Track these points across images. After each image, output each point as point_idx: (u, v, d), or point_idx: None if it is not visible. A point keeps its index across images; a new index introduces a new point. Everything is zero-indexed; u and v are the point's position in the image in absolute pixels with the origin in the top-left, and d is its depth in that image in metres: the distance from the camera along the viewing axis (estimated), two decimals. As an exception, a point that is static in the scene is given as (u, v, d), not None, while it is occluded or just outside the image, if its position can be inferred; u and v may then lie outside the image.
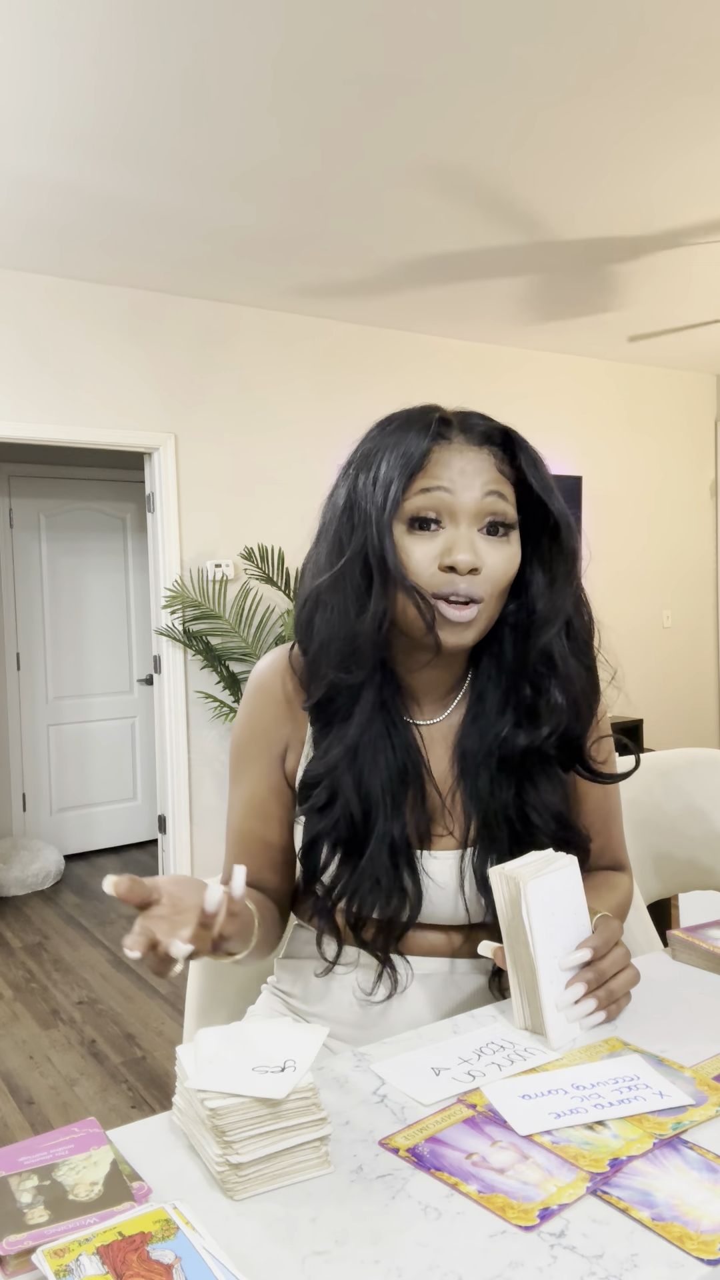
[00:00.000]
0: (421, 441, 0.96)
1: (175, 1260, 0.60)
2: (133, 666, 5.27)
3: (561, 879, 0.92)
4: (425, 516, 0.96)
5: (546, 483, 0.99)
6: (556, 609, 1.00)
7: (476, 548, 0.95)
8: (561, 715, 1.01)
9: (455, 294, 4.26)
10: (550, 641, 1.00)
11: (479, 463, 0.96)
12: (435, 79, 2.49)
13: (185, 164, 2.96)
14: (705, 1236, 0.63)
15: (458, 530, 0.95)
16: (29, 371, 3.89)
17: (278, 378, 4.48)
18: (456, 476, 0.95)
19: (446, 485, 0.95)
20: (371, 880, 1.00)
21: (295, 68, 2.42)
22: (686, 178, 3.12)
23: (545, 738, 1.01)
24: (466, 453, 0.97)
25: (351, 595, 0.98)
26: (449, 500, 0.95)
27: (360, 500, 0.98)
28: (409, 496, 0.96)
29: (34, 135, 2.76)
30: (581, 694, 1.02)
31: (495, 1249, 0.63)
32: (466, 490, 0.95)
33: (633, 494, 5.72)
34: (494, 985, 1.05)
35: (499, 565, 0.97)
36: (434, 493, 0.95)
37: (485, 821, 1.03)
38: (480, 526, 0.96)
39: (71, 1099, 2.67)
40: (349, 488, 1.00)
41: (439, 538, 0.96)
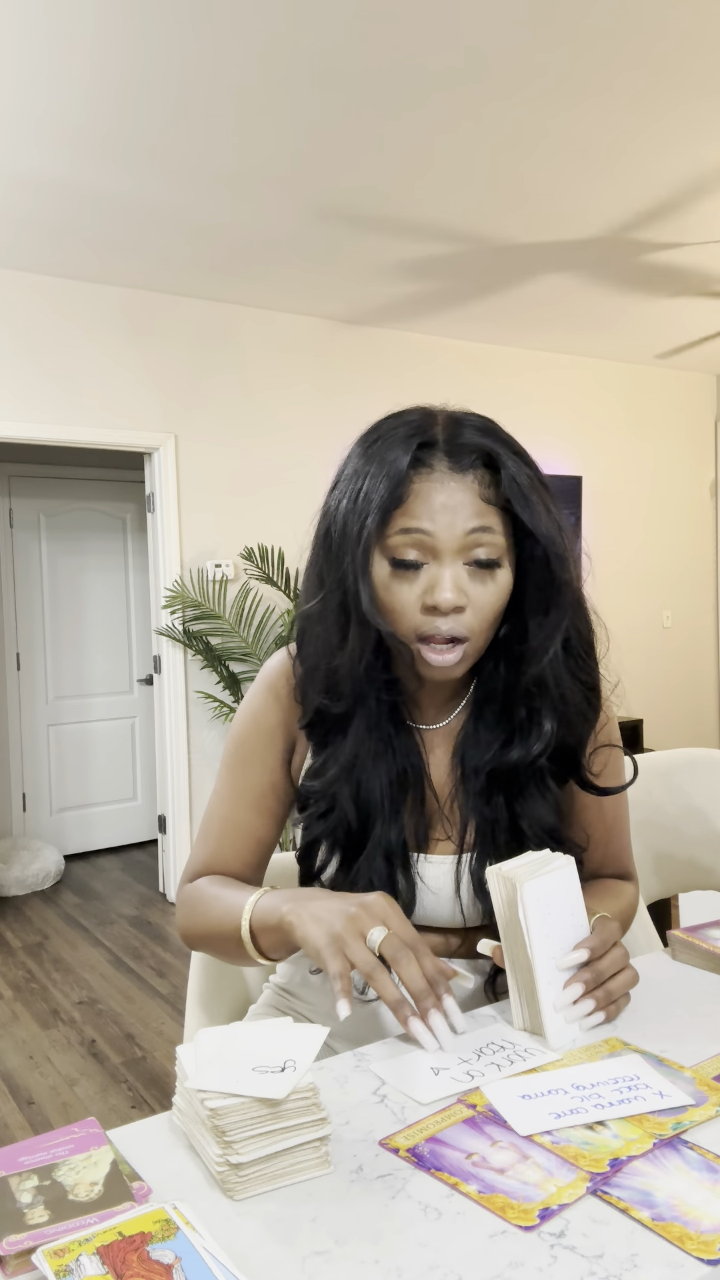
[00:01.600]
0: (400, 470, 0.91)
1: (175, 1260, 0.60)
2: (133, 666, 5.27)
3: (558, 879, 0.92)
4: (406, 558, 0.92)
5: (535, 510, 0.93)
6: (549, 639, 0.96)
7: (461, 585, 0.92)
8: (550, 738, 1.00)
9: (455, 294, 4.26)
10: (542, 670, 0.97)
11: (461, 494, 0.91)
12: (434, 77, 2.49)
13: (185, 163, 2.96)
14: (705, 1236, 0.63)
15: (441, 568, 0.91)
16: (29, 372, 3.89)
17: (277, 378, 4.49)
18: (438, 513, 0.91)
19: (426, 527, 0.91)
20: (366, 882, 1.00)
21: (294, 67, 2.42)
22: (687, 178, 3.12)
23: (536, 756, 1.00)
24: (449, 484, 0.91)
25: (333, 628, 0.96)
26: (429, 541, 0.91)
27: (339, 531, 0.95)
28: (389, 534, 0.92)
29: (32, 135, 2.76)
30: (576, 711, 1.00)
31: (495, 1249, 0.62)
32: (448, 529, 0.91)
33: (632, 494, 5.72)
34: (488, 989, 1.05)
35: (487, 601, 0.94)
36: (414, 534, 0.91)
37: (481, 828, 1.03)
38: (466, 560, 0.92)
39: (71, 1099, 2.67)
40: (331, 511, 0.97)
41: (421, 576, 0.92)
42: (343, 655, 0.95)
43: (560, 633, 0.97)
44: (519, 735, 1.01)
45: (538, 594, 0.97)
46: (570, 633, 0.98)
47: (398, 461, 0.91)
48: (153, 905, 4.33)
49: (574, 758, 1.03)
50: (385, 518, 0.92)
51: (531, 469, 0.96)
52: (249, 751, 1.08)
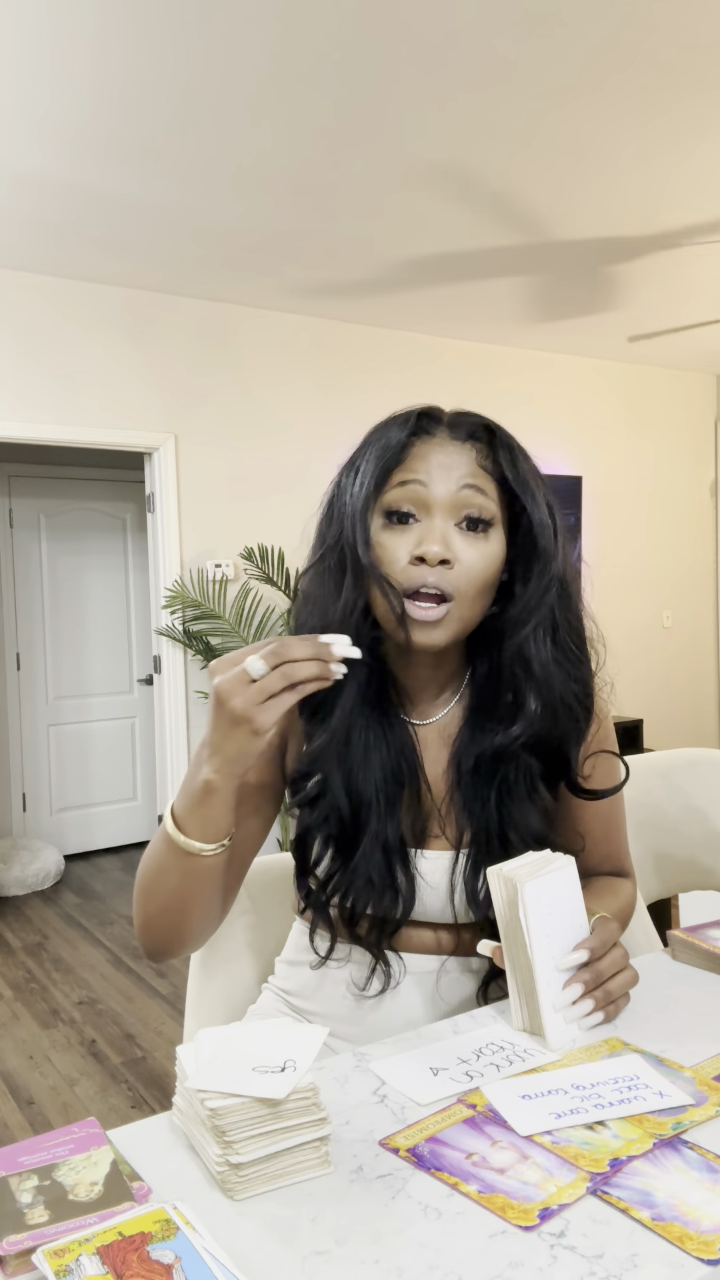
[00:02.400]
0: (400, 435, 0.96)
1: (175, 1260, 0.60)
2: (133, 666, 5.27)
3: (559, 880, 0.92)
4: (400, 509, 0.95)
5: (525, 480, 0.97)
6: (529, 609, 0.97)
7: (449, 541, 0.94)
8: (533, 720, 0.98)
9: (456, 294, 4.26)
10: (524, 643, 0.97)
11: (458, 456, 0.96)
12: (434, 78, 2.49)
13: (184, 163, 2.96)
14: (705, 1236, 0.63)
15: (431, 521, 0.95)
16: (29, 372, 3.89)
17: (277, 378, 4.49)
18: (434, 470, 0.95)
19: (422, 478, 0.95)
20: (364, 877, 1.00)
21: (294, 67, 2.43)
22: (688, 178, 3.12)
23: (515, 738, 0.99)
24: (447, 446, 0.96)
25: (331, 589, 0.98)
26: (423, 493, 0.95)
27: (341, 494, 0.99)
28: (386, 490, 0.96)
29: (33, 135, 2.76)
30: (561, 702, 0.99)
31: (495, 1249, 0.63)
32: (441, 483, 0.95)
33: (632, 494, 5.72)
34: (480, 995, 1.04)
35: (475, 561, 0.95)
36: (409, 485, 0.95)
37: (477, 827, 1.03)
38: (457, 520, 0.95)
39: (71, 1099, 2.67)
40: (335, 485, 1.01)
41: (413, 530, 0.95)
42: (336, 609, 0.96)
43: (543, 605, 0.97)
44: (504, 720, 1.00)
45: (523, 568, 0.99)
46: (558, 621, 0.99)
47: (399, 429, 0.97)
48: (153, 905, 4.32)
49: (564, 759, 1.02)
50: (385, 476, 0.96)
51: (528, 459, 1.00)
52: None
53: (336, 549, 0.97)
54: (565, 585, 0.99)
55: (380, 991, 1.03)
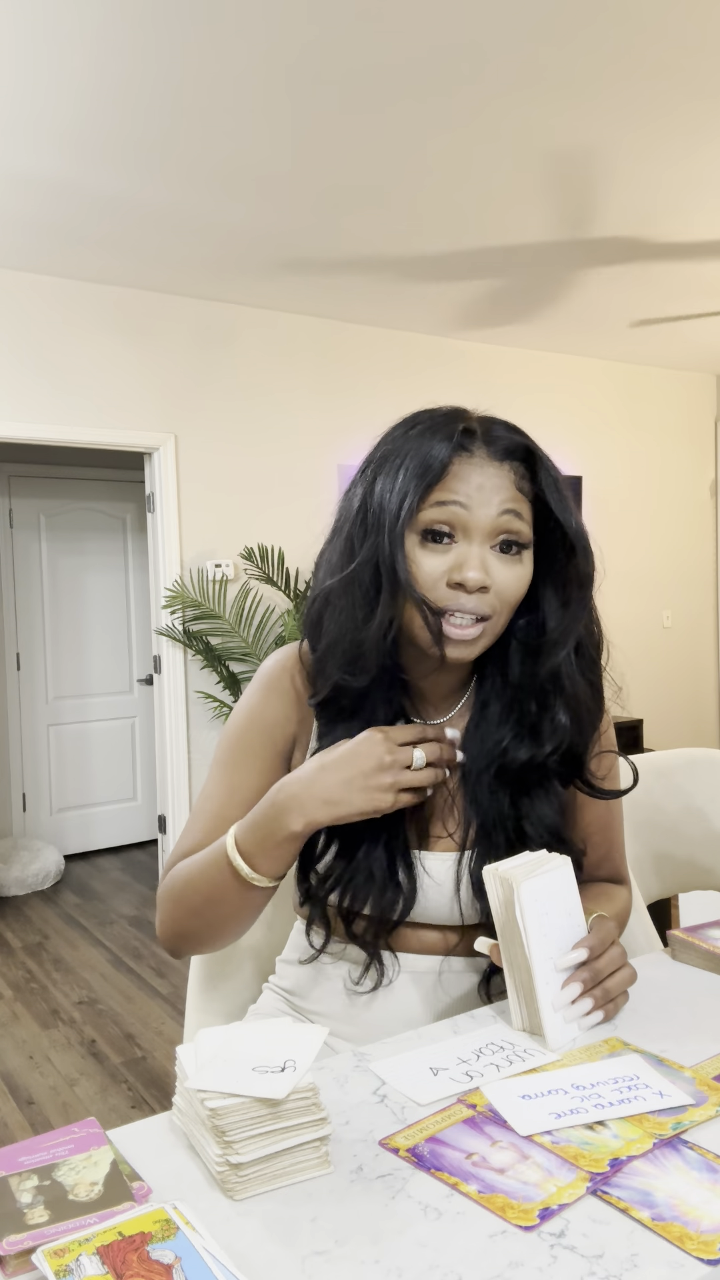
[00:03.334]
0: (443, 451, 0.94)
1: (175, 1260, 0.60)
2: (133, 666, 5.27)
3: (555, 879, 0.92)
4: (438, 529, 0.94)
5: (566, 504, 0.98)
6: (568, 632, 0.99)
7: (487, 565, 0.94)
8: (565, 734, 1.00)
9: (456, 294, 4.26)
10: (559, 662, 0.99)
11: (498, 479, 0.95)
12: (433, 77, 2.49)
13: (184, 163, 2.96)
14: (705, 1236, 0.63)
15: (470, 546, 0.94)
16: (29, 372, 3.89)
17: (277, 378, 4.49)
18: (474, 492, 0.94)
19: (463, 500, 0.93)
20: (365, 874, 1.00)
21: (293, 66, 2.42)
22: (687, 178, 3.12)
23: (549, 755, 1.00)
24: (487, 468, 0.95)
25: (360, 600, 0.97)
26: (463, 515, 0.94)
27: (376, 505, 0.96)
28: (424, 508, 0.94)
29: (32, 135, 2.76)
30: (586, 710, 1.01)
31: (495, 1249, 0.63)
32: (483, 507, 0.93)
33: (633, 494, 5.72)
34: (483, 990, 1.05)
35: (510, 584, 0.95)
36: (449, 507, 0.94)
37: (484, 826, 1.03)
38: (493, 544, 0.95)
39: (71, 1099, 2.67)
40: (365, 489, 0.99)
41: (450, 552, 0.94)
42: (369, 628, 0.96)
43: (580, 626, 0.99)
44: (530, 732, 1.01)
45: (560, 588, 0.99)
46: (583, 633, 1.01)
47: (441, 442, 0.95)
48: (153, 905, 4.32)
49: (579, 759, 1.03)
50: (426, 492, 0.94)
51: (561, 477, 1.00)
52: (245, 748, 1.08)
53: (370, 564, 0.96)
54: (592, 599, 1.02)
55: (373, 989, 1.03)
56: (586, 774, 1.04)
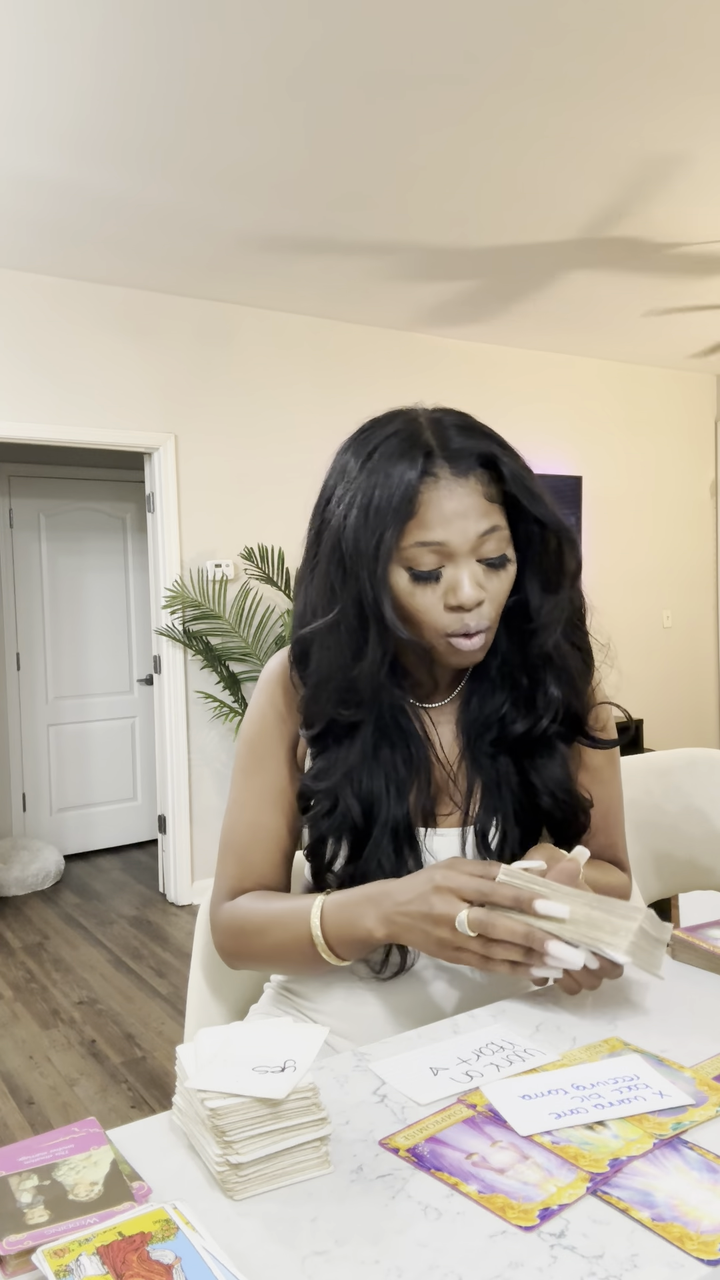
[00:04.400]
0: (408, 484, 0.93)
1: (175, 1260, 0.60)
2: (133, 666, 5.27)
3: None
4: (425, 569, 0.95)
5: (540, 499, 0.98)
6: (556, 616, 1.01)
7: (479, 581, 0.96)
8: (559, 704, 1.03)
9: (456, 293, 4.26)
10: (549, 644, 1.02)
11: (468, 499, 0.94)
12: (433, 76, 2.49)
13: (184, 163, 2.96)
14: (705, 1237, 0.63)
15: (458, 570, 0.95)
16: (29, 371, 3.89)
17: (278, 378, 4.49)
18: (451, 521, 0.94)
19: (441, 537, 0.94)
20: (374, 864, 1.01)
21: (293, 66, 2.42)
22: (687, 178, 3.12)
23: (545, 728, 1.03)
24: (455, 489, 0.94)
25: (347, 640, 0.98)
26: (447, 550, 0.95)
27: (351, 547, 0.96)
28: (405, 547, 0.94)
29: (33, 135, 2.76)
30: (577, 674, 1.05)
31: (495, 1249, 0.62)
32: (460, 535, 0.94)
33: (633, 494, 5.72)
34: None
35: (499, 591, 0.98)
36: (434, 549, 0.94)
37: (487, 790, 1.05)
38: (479, 558, 0.97)
39: (71, 1099, 2.67)
40: (338, 525, 0.97)
41: (442, 580, 0.96)
42: (362, 665, 0.98)
43: (567, 610, 1.02)
44: (524, 705, 1.04)
45: (545, 576, 1.02)
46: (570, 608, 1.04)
47: (406, 474, 0.94)
48: (153, 905, 4.32)
49: (576, 717, 1.06)
50: (400, 532, 0.94)
51: (519, 458, 1.00)
52: (262, 751, 1.09)
53: (355, 605, 0.96)
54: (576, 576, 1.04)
55: (396, 973, 1.03)
56: (585, 727, 1.08)
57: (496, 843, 1.04)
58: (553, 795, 1.04)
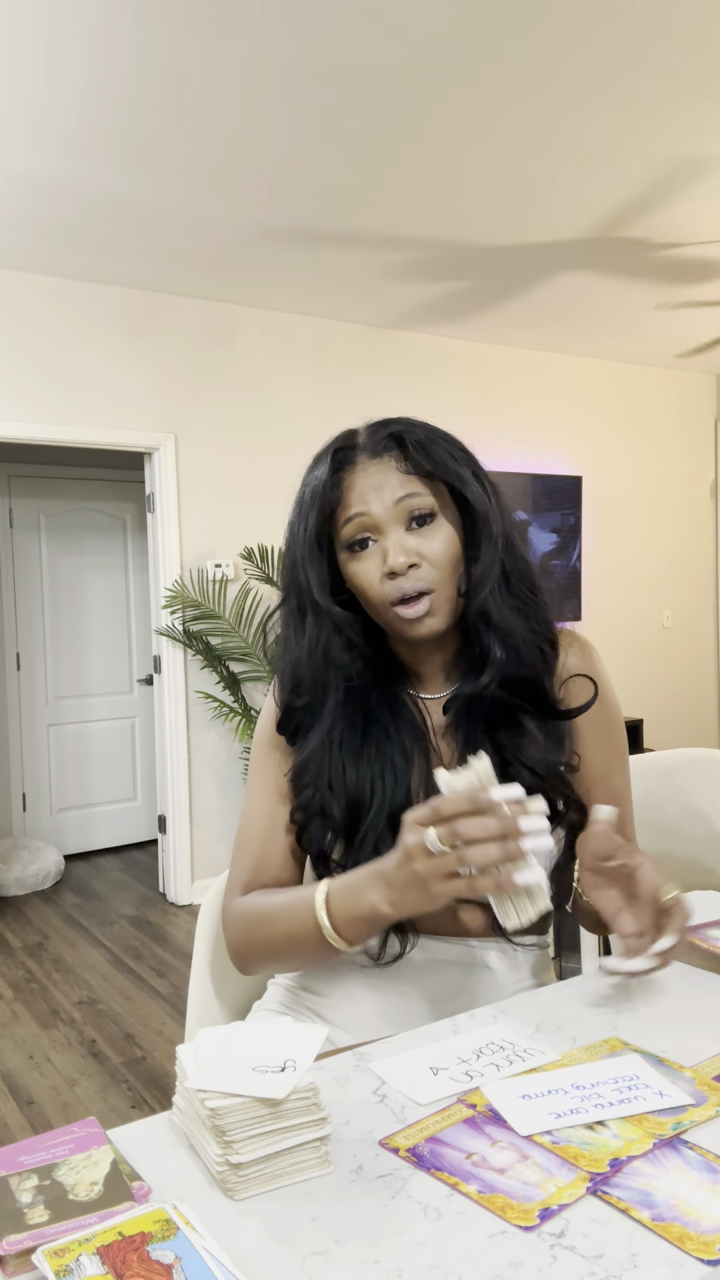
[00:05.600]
0: (324, 473, 1.06)
1: (175, 1260, 0.60)
2: (133, 666, 5.27)
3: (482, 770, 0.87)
4: (356, 540, 1.04)
5: (443, 462, 1.04)
6: (485, 571, 1.05)
7: (406, 545, 1.02)
8: (500, 665, 1.05)
9: (455, 294, 4.26)
10: (484, 601, 1.05)
11: (382, 475, 1.04)
12: (432, 76, 2.49)
13: (184, 163, 2.96)
14: (705, 1237, 0.63)
15: (385, 539, 1.03)
16: (29, 372, 3.89)
17: (277, 378, 4.49)
18: (369, 495, 1.03)
19: (362, 509, 1.03)
20: (372, 848, 1.02)
21: (292, 67, 2.42)
22: (686, 178, 3.12)
23: (484, 686, 1.05)
24: (369, 468, 1.05)
25: (291, 626, 1.10)
26: (368, 520, 1.03)
27: (293, 539, 1.09)
28: (340, 528, 1.05)
29: (32, 135, 2.76)
30: (524, 642, 1.06)
31: (495, 1249, 0.63)
32: (378, 503, 1.03)
33: (633, 494, 5.72)
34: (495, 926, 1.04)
35: (435, 549, 1.03)
36: (356, 519, 1.04)
37: None
38: (405, 525, 1.03)
39: (71, 1099, 2.67)
40: (289, 529, 1.10)
41: (373, 551, 1.04)
42: (301, 647, 1.07)
43: (495, 565, 1.06)
44: (473, 669, 1.08)
45: (471, 537, 1.07)
46: (508, 571, 1.07)
47: (321, 469, 1.07)
48: (153, 905, 4.33)
49: (537, 690, 1.08)
50: (326, 516, 1.05)
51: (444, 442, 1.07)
52: (270, 748, 1.14)
53: (294, 590, 1.08)
54: (509, 539, 1.08)
55: (396, 958, 1.03)
56: (548, 699, 1.09)
57: None
58: (530, 771, 1.05)
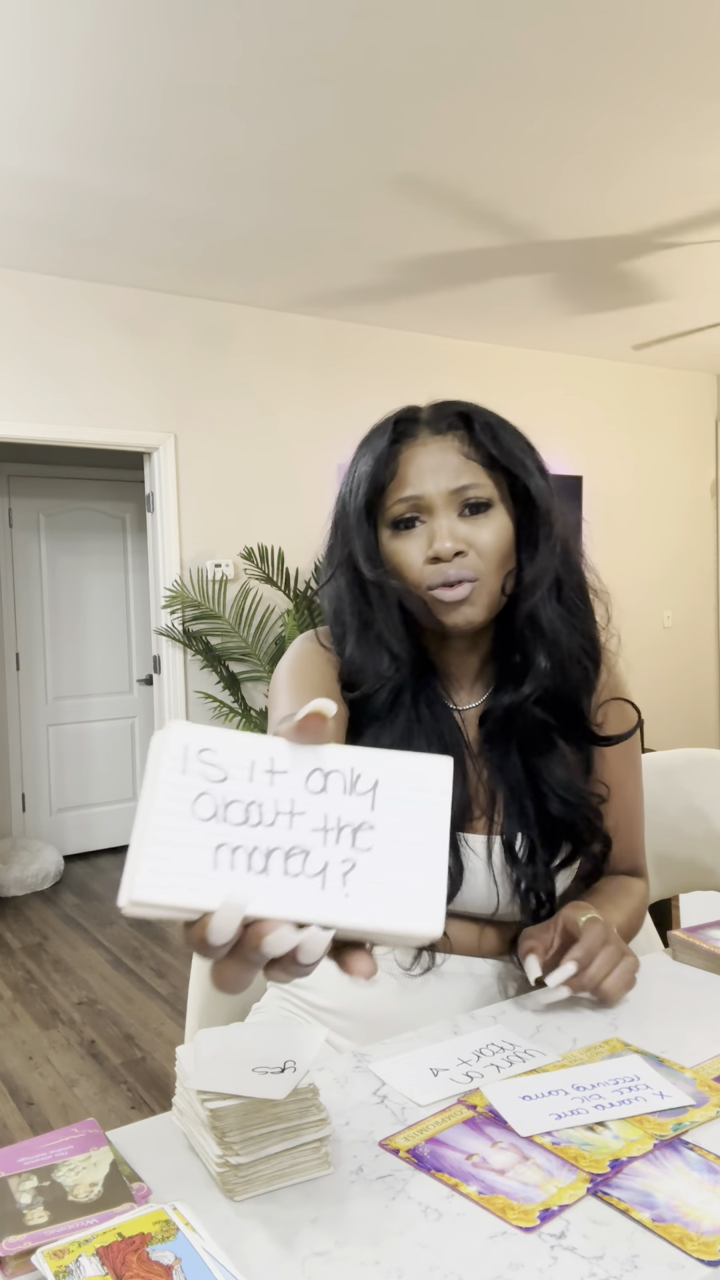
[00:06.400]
0: (382, 443, 1.01)
1: (175, 1261, 0.60)
2: (132, 667, 5.27)
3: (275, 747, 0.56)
4: (404, 518, 1.00)
5: (510, 450, 1.01)
6: (540, 573, 1.00)
7: (456, 532, 0.98)
8: (544, 677, 1.01)
9: (455, 294, 4.26)
10: (535, 606, 1.00)
11: (442, 454, 0.99)
12: (431, 76, 2.48)
13: (184, 163, 2.96)
14: (706, 1238, 0.63)
15: (436, 521, 0.99)
16: (28, 371, 3.88)
17: (277, 377, 4.48)
18: (426, 475, 0.99)
19: (416, 490, 0.99)
20: None
21: (292, 67, 2.42)
22: (685, 177, 3.12)
23: (526, 698, 1.01)
24: (430, 445, 1.00)
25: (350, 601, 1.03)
26: (421, 498, 0.99)
27: (344, 512, 1.04)
28: (387, 503, 1.00)
29: (32, 134, 2.76)
30: (569, 656, 1.02)
31: (496, 1250, 0.62)
32: (434, 484, 0.99)
33: (633, 494, 5.72)
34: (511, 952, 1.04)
35: (486, 541, 0.99)
36: (408, 499, 0.99)
37: (507, 796, 1.04)
38: (458, 511, 0.99)
39: (71, 1100, 2.67)
40: (338, 501, 1.05)
41: (420, 532, 1.00)
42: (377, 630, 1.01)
43: (551, 567, 1.01)
44: (514, 680, 1.03)
45: (528, 533, 1.02)
46: (562, 578, 1.02)
47: (381, 439, 1.02)
48: (152, 905, 4.32)
49: (576, 711, 1.04)
50: (379, 489, 1.00)
51: (512, 432, 1.03)
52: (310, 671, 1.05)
53: (348, 567, 1.02)
54: (566, 543, 1.03)
55: (425, 971, 1.02)
56: (587, 724, 1.05)
57: (524, 853, 1.02)
58: (561, 799, 1.02)
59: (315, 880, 0.53)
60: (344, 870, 0.53)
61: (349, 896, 0.53)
